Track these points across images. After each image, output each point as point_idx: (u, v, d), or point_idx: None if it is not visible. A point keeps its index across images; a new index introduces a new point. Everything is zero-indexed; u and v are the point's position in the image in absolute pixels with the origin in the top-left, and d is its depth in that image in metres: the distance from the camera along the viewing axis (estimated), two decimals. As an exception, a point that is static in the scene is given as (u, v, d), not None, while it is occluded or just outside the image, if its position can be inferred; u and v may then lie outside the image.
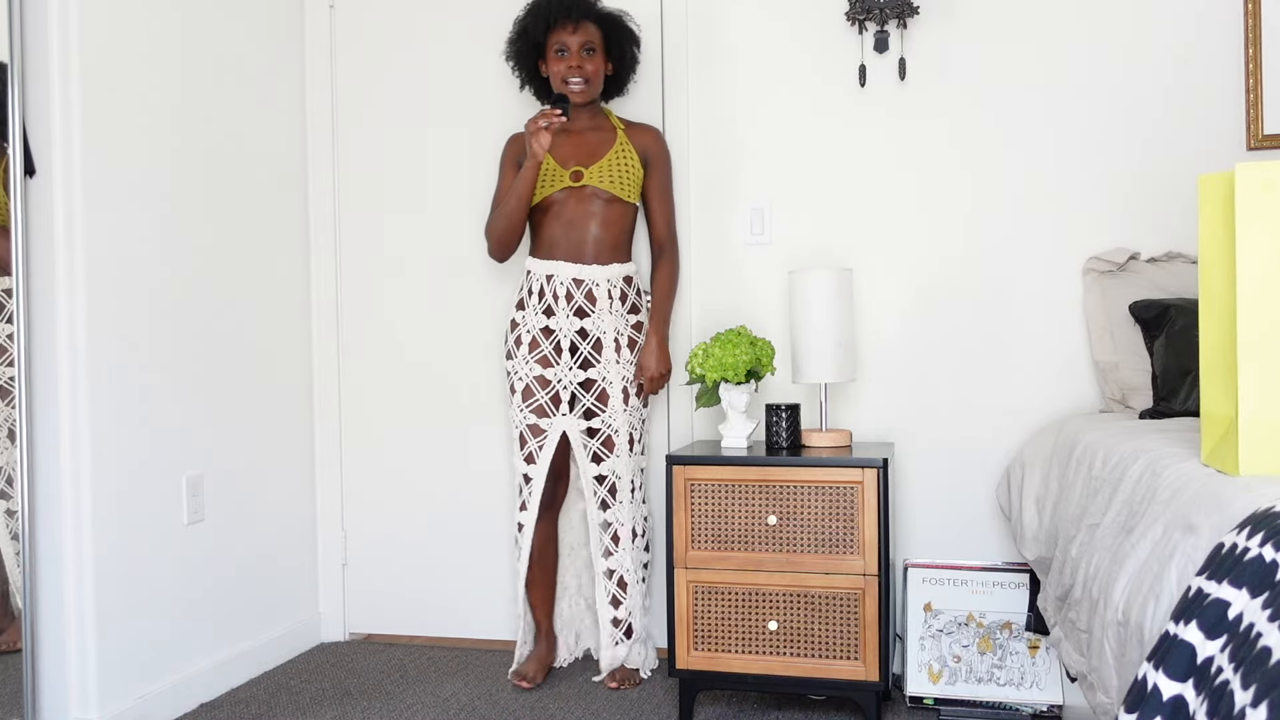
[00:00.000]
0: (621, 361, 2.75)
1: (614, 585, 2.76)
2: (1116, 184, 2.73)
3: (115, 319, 2.48)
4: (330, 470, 3.27)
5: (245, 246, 2.95)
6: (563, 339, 2.74)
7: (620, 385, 2.75)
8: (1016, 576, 2.68)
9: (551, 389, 2.75)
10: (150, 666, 2.57)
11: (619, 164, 2.75)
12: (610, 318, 2.75)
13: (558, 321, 2.74)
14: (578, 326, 2.74)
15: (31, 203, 2.37)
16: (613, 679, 2.77)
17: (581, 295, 2.74)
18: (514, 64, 2.82)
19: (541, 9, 2.72)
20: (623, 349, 2.76)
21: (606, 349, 2.74)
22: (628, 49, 2.82)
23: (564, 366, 2.74)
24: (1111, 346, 2.61)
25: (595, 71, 2.74)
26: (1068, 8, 2.75)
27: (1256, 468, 1.48)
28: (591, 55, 2.73)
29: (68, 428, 2.37)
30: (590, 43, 2.73)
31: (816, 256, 2.92)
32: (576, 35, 2.71)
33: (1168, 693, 1.18)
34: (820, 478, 2.44)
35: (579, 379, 2.75)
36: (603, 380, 2.75)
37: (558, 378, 2.74)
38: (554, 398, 2.74)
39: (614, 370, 2.74)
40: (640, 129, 2.83)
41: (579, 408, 2.75)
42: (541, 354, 2.75)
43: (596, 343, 2.75)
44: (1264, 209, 1.48)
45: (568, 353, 2.74)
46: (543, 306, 2.76)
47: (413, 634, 3.25)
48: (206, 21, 2.80)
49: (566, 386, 2.74)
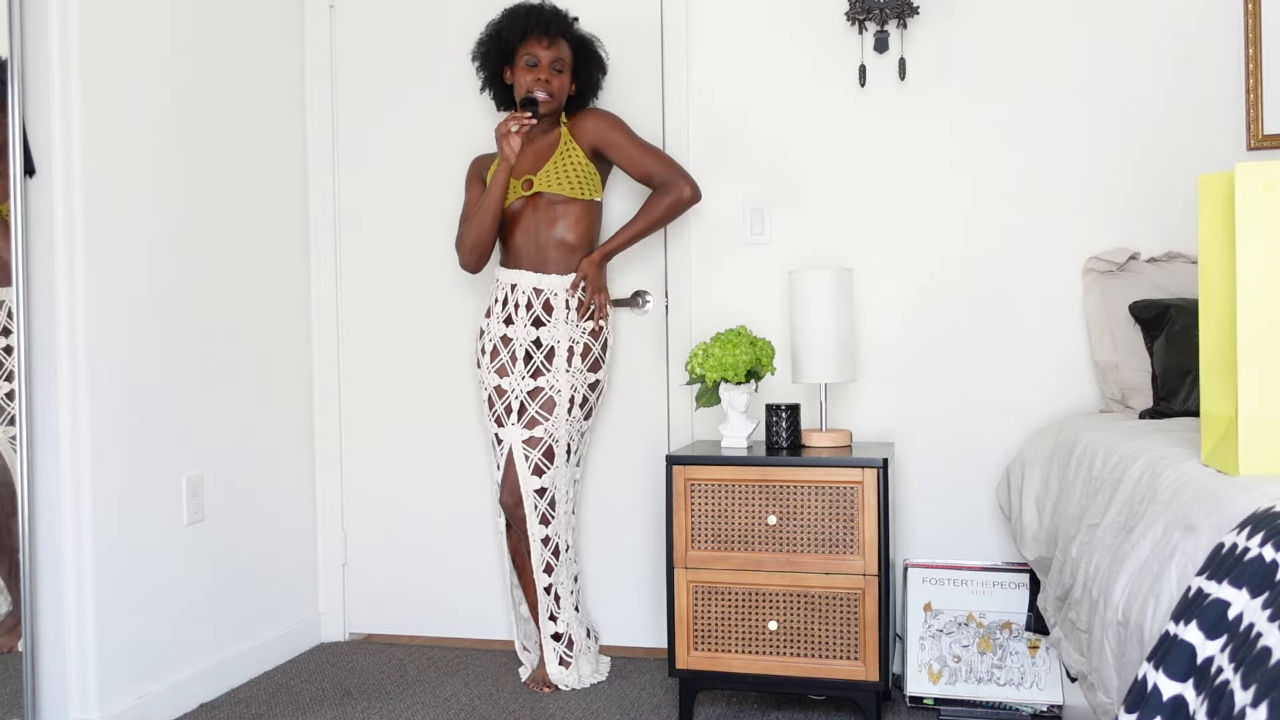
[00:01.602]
0: (572, 370, 2.72)
1: (551, 600, 2.73)
2: (1116, 184, 2.73)
3: (115, 319, 2.48)
4: (330, 470, 3.27)
5: (245, 246, 2.95)
6: (519, 347, 2.73)
7: (567, 394, 2.72)
8: (1016, 576, 2.68)
9: (506, 399, 2.74)
10: (150, 666, 2.57)
11: (565, 164, 2.72)
12: (565, 327, 2.73)
13: (515, 330, 2.74)
14: (533, 336, 2.73)
15: (31, 203, 2.37)
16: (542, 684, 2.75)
17: (540, 305, 2.73)
18: (479, 64, 2.81)
19: (519, 18, 2.71)
20: (575, 357, 2.73)
21: (558, 358, 2.72)
22: (595, 74, 2.83)
23: (517, 375, 2.73)
24: (1111, 346, 2.61)
25: (561, 89, 2.73)
26: (1068, 8, 2.75)
27: (1256, 468, 1.48)
28: (560, 73, 2.73)
29: (68, 428, 2.37)
30: (561, 60, 2.73)
31: (816, 256, 2.92)
32: (550, 50, 2.71)
33: (1168, 693, 1.18)
34: (820, 478, 2.43)
35: (528, 388, 2.72)
36: (550, 389, 2.72)
37: (511, 387, 2.73)
38: (508, 407, 2.73)
39: (563, 379, 2.72)
40: (580, 118, 2.78)
41: (525, 417, 2.72)
42: (500, 363, 2.75)
43: (550, 351, 2.73)
44: (1264, 209, 1.48)
45: (522, 361, 2.73)
46: (504, 315, 2.76)
47: (413, 634, 3.25)
48: (207, 21, 2.80)
49: (518, 396, 2.73)
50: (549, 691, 2.73)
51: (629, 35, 3.03)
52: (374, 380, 3.26)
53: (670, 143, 2.98)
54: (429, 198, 3.20)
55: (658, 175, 2.73)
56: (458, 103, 3.16)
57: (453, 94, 3.17)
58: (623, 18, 3.03)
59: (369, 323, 3.26)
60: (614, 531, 3.08)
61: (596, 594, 3.09)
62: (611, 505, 3.08)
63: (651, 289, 3.05)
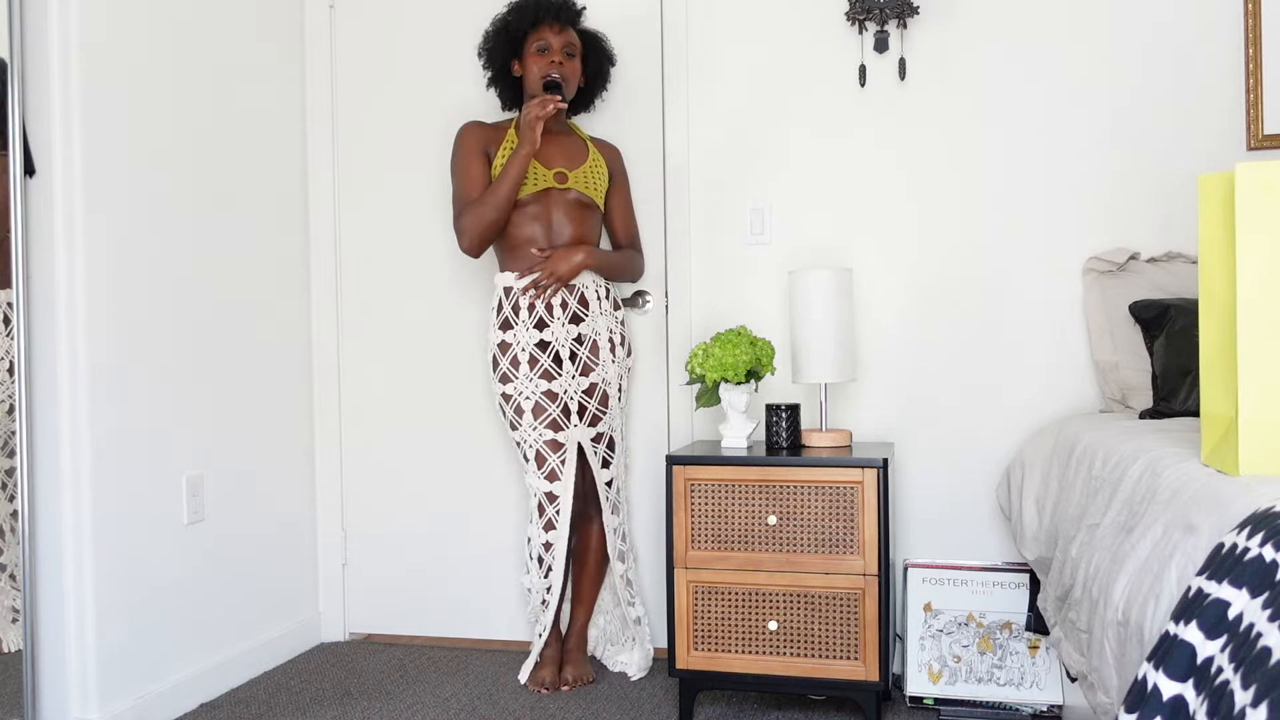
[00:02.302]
0: (617, 360, 2.80)
1: (626, 587, 2.83)
2: (1116, 184, 2.74)
3: (115, 319, 2.48)
4: (330, 470, 3.27)
5: (245, 246, 2.95)
6: (560, 349, 2.71)
7: (616, 384, 2.80)
8: (1016, 576, 2.68)
9: (560, 402, 2.72)
10: (150, 666, 2.57)
11: (595, 173, 2.79)
12: (603, 318, 2.77)
13: (553, 332, 2.71)
14: (574, 334, 2.73)
15: (31, 203, 2.37)
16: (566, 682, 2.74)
17: (575, 300, 2.73)
18: (485, 60, 2.81)
19: (529, 6, 2.73)
20: (617, 348, 2.80)
21: (603, 350, 2.76)
22: (604, 65, 2.86)
23: (567, 376, 2.72)
24: (1111, 346, 2.61)
25: (573, 74, 2.76)
26: (1068, 8, 2.75)
27: (1256, 468, 1.48)
28: (571, 59, 2.76)
29: (68, 428, 2.37)
30: (572, 46, 2.76)
31: (816, 256, 2.92)
32: (560, 36, 2.74)
33: (1168, 693, 1.18)
34: (820, 478, 2.44)
35: (583, 386, 2.74)
36: (603, 383, 2.77)
37: (563, 389, 2.72)
38: (564, 410, 2.73)
39: (611, 370, 2.78)
40: (605, 145, 2.89)
41: (586, 415, 2.75)
42: (542, 368, 2.71)
43: (593, 345, 2.76)
44: (1264, 209, 1.48)
45: (568, 360, 2.73)
46: (534, 320, 2.71)
47: (413, 634, 3.25)
48: (207, 21, 2.80)
49: (572, 396, 2.73)
50: (548, 692, 2.72)
51: (629, 36, 3.03)
52: (374, 380, 3.26)
53: (670, 143, 2.98)
54: (429, 198, 3.20)
55: (628, 241, 2.90)
56: (458, 102, 3.16)
57: (453, 93, 3.17)
58: (622, 18, 3.03)
59: (369, 323, 3.26)
60: (614, 531, 3.08)
61: (596, 594, 3.09)
62: (611, 505, 3.08)
63: (651, 289, 3.05)
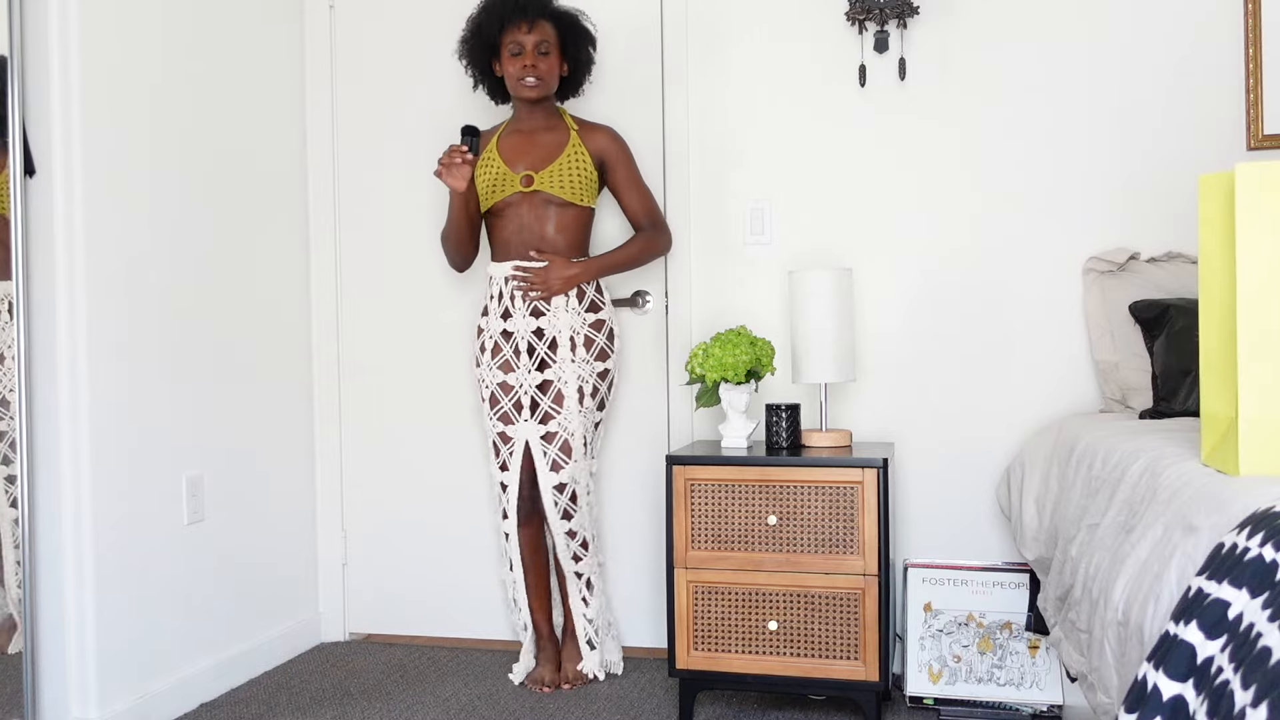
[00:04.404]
0: (577, 360, 2.70)
1: (583, 587, 2.77)
2: (1116, 184, 2.73)
3: (115, 319, 2.48)
4: (330, 470, 3.27)
5: (245, 246, 2.95)
6: (520, 340, 2.70)
7: (575, 385, 2.69)
8: (1016, 576, 2.68)
9: (514, 394, 2.71)
10: (150, 666, 2.57)
11: (571, 168, 2.69)
12: (566, 315, 2.69)
13: (515, 323, 2.71)
14: (534, 326, 2.70)
15: (31, 203, 2.36)
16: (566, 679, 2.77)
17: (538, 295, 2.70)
18: (467, 62, 2.76)
19: (496, 6, 2.68)
20: (579, 347, 2.70)
21: (562, 348, 2.69)
22: (584, 49, 2.76)
23: (523, 370, 2.71)
24: (1111, 346, 2.61)
25: (549, 71, 2.69)
26: (1068, 8, 2.75)
27: (1256, 468, 1.48)
28: (546, 55, 2.68)
29: (68, 428, 2.37)
30: (545, 42, 2.67)
31: (816, 256, 2.92)
32: (532, 34, 2.65)
33: (1168, 693, 1.18)
34: (820, 478, 2.44)
35: (536, 381, 2.71)
36: (559, 381, 2.70)
37: (519, 382, 2.71)
38: (516, 404, 2.71)
39: (569, 370, 2.69)
40: (594, 129, 2.76)
41: (538, 413, 2.71)
42: (503, 359, 2.73)
43: (552, 342, 2.70)
44: (1264, 209, 1.48)
45: (525, 354, 2.70)
46: (501, 310, 2.73)
47: (413, 634, 3.25)
48: (206, 21, 2.80)
49: (526, 391, 2.70)
50: (549, 691, 2.73)
51: (629, 37, 3.03)
52: (374, 380, 3.26)
53: (670, 143, 2.98)
54: (429, 198, 3.20)
55: (645, 219, 2.78)
56: (459, 102, 3.16)
57: (453, 93, 3.17)
58: (623, 19, 3.03)
59: (369, 322, 3.26)
60: (614, 531, 3.08)
61: (596, 594, 3.09)
62: (611, 505, 3.08)
63: (651, 289, 3.05)
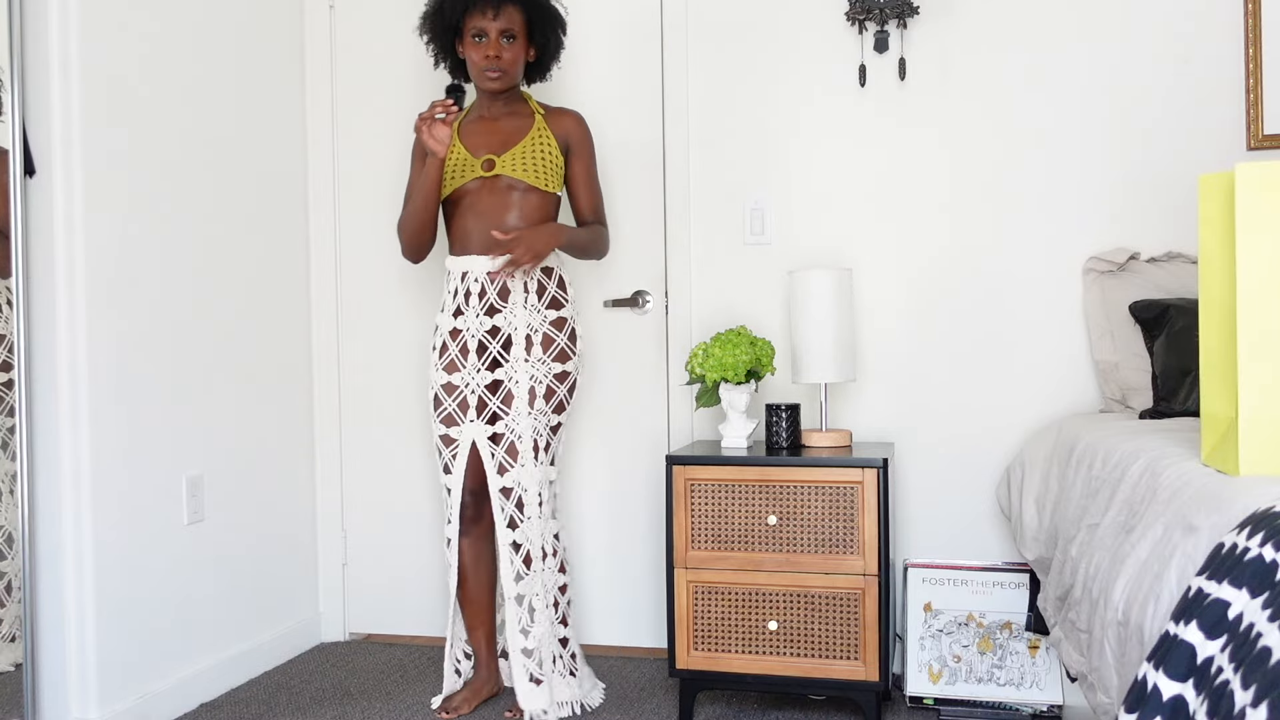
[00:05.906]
0: (531, 360, 2.53)
1: (524, 612, 2.50)
2: (1116, 184, 2.74)
3: (115, 319, 2.48)
4: (330, 470, 3.27)
5: (245, 246, 2.95)
6: (470, 339, 2.55)
7: (527, 386, 2.52)
8: (1016, 576, 2.68)
9: (458, 394, 2.56)
10: (150, 666, 2.57)
11: (535, 151, 2.54)
12: (524, 313, 2.53)
13: (466, 321, 2.55)
14: (488, 325, 2.54)
15: (31, 203, 2.37)
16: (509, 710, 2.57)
17: (494, 291, 2.54)
18: (428, 39, 2.60)
19: None
20: (534, 346, 2.54)
21: (516, 346, 2.53)
22: (552, 33, 2.59)
23: (470, 369, 2.55)
24: (1111, 346, 2.62)
25: (514, 60, 2.52)
26: (1068, 8, 2.75)
27: (1256, 468, 1.48)
28: (511, 43, 2.51)
29: (68, 428, 2.37)
30: (511, 29, 2.50)
31: (816, 256, 2.92)
32: (496, 21, 2.49)
33: (1168, 693, 1.18)
34: (820, 478, 2.44)
35: (486, 381, 2.55)
36: (509, 381, 2.53)
37: (464, 382, 2.55)
38: (461, 404, 2.56)
39: (522, 369, 2.52)
40: (560, 114, 2.61)
41: (486, 413, 2.55)
42: (449, 358, 2.57)
43: (506, 340, 2.54)
44: (1264, 209, 1.48)
45: (474, 354, 2.55)
46: (454, 307, 2.58)
47: (413, 634, 3.25)
48: (206, 21, 2.80)
49: (474, 391, 2.55)
50: (510, 717, 2.54)
51: (629, 36, 3.03)
52: (374, 380, 3.26)
53: (670, 143, 2.98)
54: (429, 198, 3.20)
55: (593, 216, 2.63)
56: (458, 103, 3.16)
57: (453, 94, 3.17)
58: (622, 18, 3.04)
59: (369, 322, 3.26)
60: (614, 531, 3.08)
61: (597, 594, 3.09)
62: (611, 505, 3.08)
63: (651, 289, 3.05)
